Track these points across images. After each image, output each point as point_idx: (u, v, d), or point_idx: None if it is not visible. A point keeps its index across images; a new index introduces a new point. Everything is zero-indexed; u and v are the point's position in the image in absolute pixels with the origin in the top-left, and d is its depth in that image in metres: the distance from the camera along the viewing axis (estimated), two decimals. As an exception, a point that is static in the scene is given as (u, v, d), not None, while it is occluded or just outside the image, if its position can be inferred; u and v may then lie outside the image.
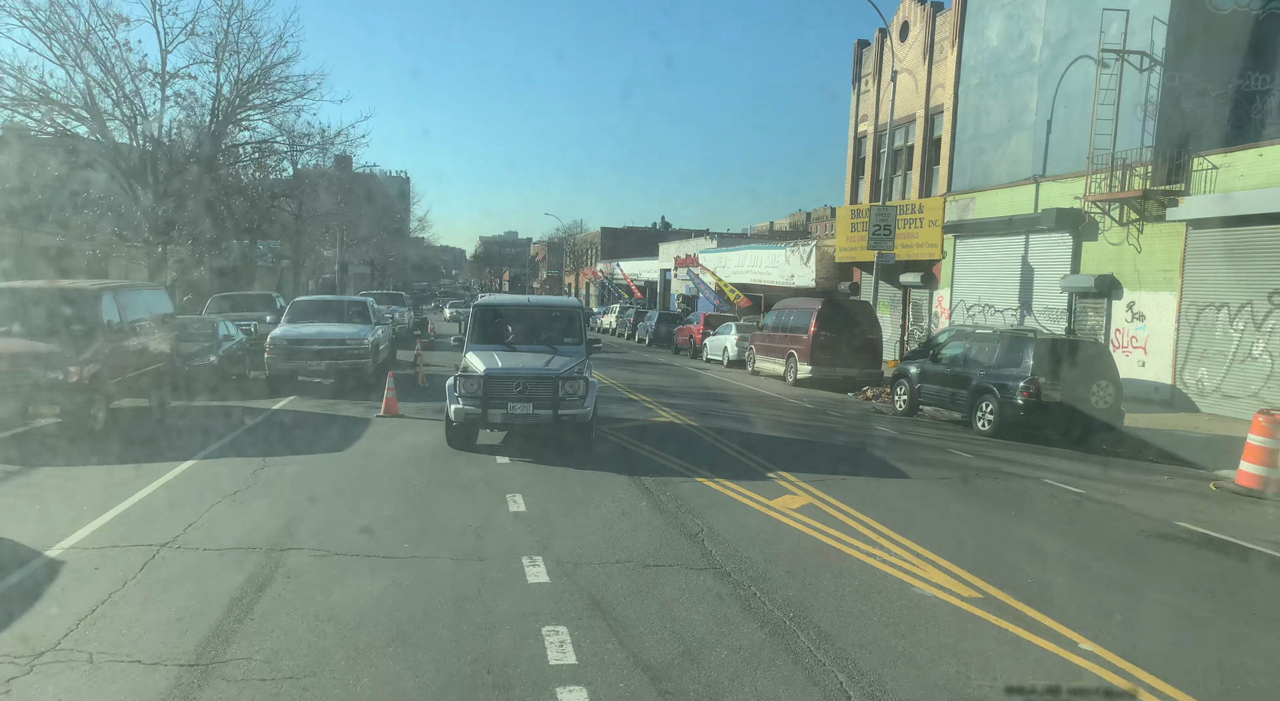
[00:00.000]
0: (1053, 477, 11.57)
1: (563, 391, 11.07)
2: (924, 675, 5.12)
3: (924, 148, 29.43)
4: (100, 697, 4.58)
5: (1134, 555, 8.13)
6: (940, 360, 17.30)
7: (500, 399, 11.01)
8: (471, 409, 11.05)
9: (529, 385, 11.09)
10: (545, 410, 11.02)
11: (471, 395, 11.06)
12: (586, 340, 12.94)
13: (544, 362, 11.63)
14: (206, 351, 17.89)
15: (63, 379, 11.48)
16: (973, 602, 6.39)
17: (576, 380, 11.23)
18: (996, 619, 6.06)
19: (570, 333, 12.91)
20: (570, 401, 11.08)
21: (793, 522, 8.49)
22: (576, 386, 11.17)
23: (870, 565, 7.23)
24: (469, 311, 13.50)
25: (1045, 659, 5.44)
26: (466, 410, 11.07)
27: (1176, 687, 5.07)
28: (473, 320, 12.86)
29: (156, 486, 9.22)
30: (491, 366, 11.31)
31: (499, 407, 11.01)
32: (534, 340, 12.58)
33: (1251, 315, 17.14)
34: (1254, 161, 17.19)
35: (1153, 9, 19.78)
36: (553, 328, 13.00)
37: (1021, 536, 8.54)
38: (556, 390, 11.06)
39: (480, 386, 11.04)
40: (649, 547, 7.49)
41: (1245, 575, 7.78)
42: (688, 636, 5.56)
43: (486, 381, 11.06)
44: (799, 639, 5.59)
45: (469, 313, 13.39)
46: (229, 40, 23.08)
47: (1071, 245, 22.11)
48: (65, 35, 21.35)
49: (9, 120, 21.50)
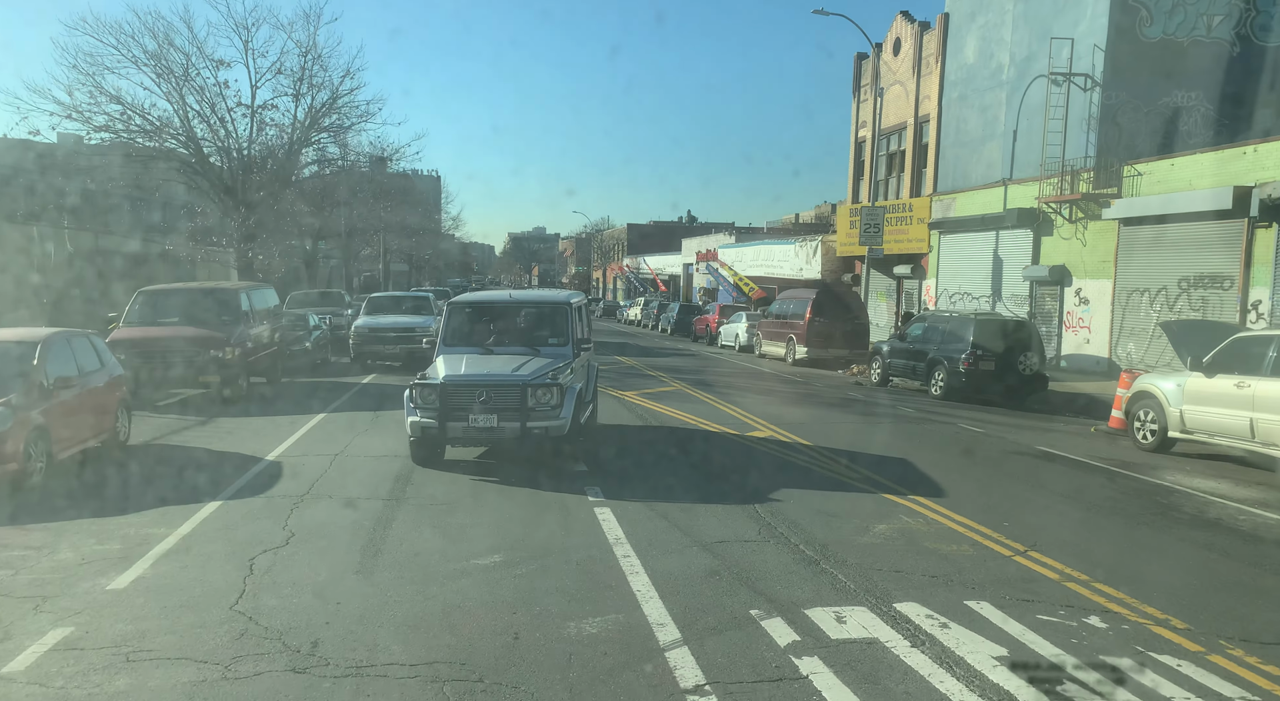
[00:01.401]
0: (967, 423, 15.15)
1: (533, 400, 9.69)
2: (804, 504, 8.80)
3: (914, 152, 32.84)
4: (341, 518, 8.35)
5: (990, 463, 11.75)
6: (906, 339, 20.86)
7: (461, 410, 9.68)
8: (429, 422, 9.73)
9: (493, 394, 9.72)
10: (512, 423, 9.65)
11: (428, 406, 9.74)
12: (575, 340, 11.29)
13: (514, 367, 10.18)
14: (302, 339, 21.87)
15: (222, 356, 15.45)
16: (854, 477, 10.05)
17: (549, 387, 9.80)
18: (872, 489, 9.72)
19: (556, 332, 11.34)
20: (541, 412, 9.71)
21: (759, 445, 12.20)
22: (548, 394, 9.77)
23: (797, 463, 10.92)
24: (444, 310, 12.02)
25: (899, 509, 9.09)
26: (423, 424, 9.76)
27: (969, 517, 8.69)
28: (446, 320, 11.47)
29: (309, 427, 13.10)
30: (452, 373, 9.97)
31: (459, 420, 9.69)
32: (516, 341, 11.24)
33: (1166, 298, 20.50)
34: (1167, 170, 20.53)
35: (1094, 37, 23.10)
36: (537, 327, 11.52)
37: (916, 453, 12.14)
38: (524, 399, 9.67)
39: (437, 396, 9.68)
40: (649, 459, 11.23)
41: (1059, 472, 11.29)
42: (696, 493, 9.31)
43: (444, 391, 9.68)
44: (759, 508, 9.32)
45: (443, 311, 11.98)
46: (306, 75, 27.04)
47: (1032, 240, 25.48)
48: (172, 76, 25.40)
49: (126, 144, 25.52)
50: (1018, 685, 4.83)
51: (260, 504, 8.60)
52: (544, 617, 5.69)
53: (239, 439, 12.10)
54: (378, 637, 5.37)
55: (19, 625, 5.50)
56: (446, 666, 4.95)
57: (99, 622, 5.53)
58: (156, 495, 8.91)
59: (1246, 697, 4.77)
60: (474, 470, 10.29)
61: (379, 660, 5.06)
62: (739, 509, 8.58)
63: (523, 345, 11.15)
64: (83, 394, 10.29)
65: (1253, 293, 18.08)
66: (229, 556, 6.89)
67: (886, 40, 34.79)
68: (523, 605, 5.90)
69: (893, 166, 34.66)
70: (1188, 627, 5.77)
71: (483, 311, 11.92)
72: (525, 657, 5.08)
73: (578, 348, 11.30)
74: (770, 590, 6.25)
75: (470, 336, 11.33)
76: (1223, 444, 11.80)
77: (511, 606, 5.89)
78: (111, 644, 5.22)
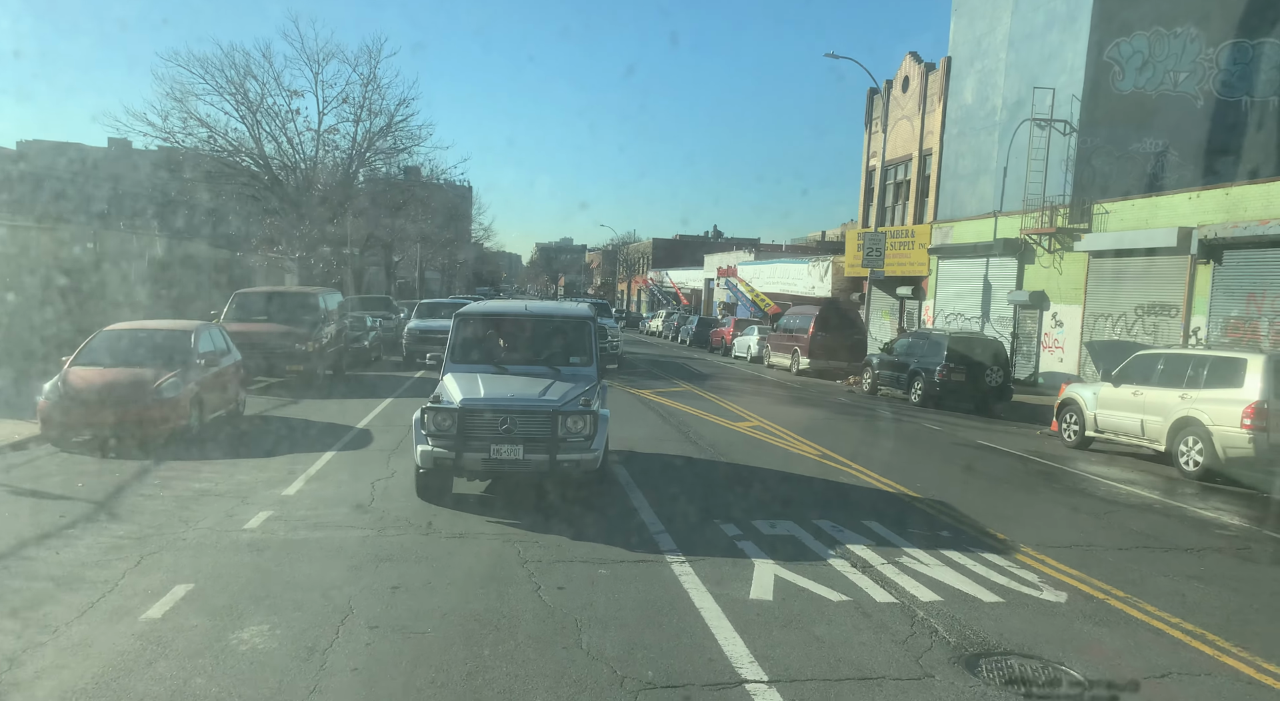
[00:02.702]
0: (931, 423, 17.87)
1: (563, 429, 8.76)
2: (752, 457, 11.59)
3: (917, 182, 35.58)
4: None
5: (928, 449, 14.49)
6: (893, 353, 23.59)
7: (481, 439, 8.68)
8: (443, 452, 8.68)
9: (519, 421, 8.75)
10: (539, 454, 8.69)
11: (443, 434, 8.70)
12: (598, 359, 10.28)
13: (540, 390, 9.20)
14: (360, 338, 24.94)
15: (304, 349, 18.50)
16: (818, 455, 12.84)
17: (581, 415, 8.86)
18: (826, 461, 12.50)
19: (578, 350, 10.28)
20: (573, 443, 8.78)
21: (743, 431, 15.03)
22: (581, 423, 8.83)
23: (774, 444, 13.73)
24: (451, 323, 10.74)
25: (838, 471, 11.88)
26: (436, 454, 8.70)
27: (891, 478, 11.45)
28: (454, 333, 10.28)
29: (382, 408, 16.06)
30: (471, 396, 8.95)
31: (479, 451, 8.67)
32: (532, 359, 10.15)
33: (1125, 323, 23.10)
34: (1129, 209, 23.16)
35: (1073, 88, 25.79)
36: (556, 343, 10.45)
37: (876, 442, 14.89)
38: (555, 427, 8.74)
39: (455, 423, 8.68)
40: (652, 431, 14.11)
41: (985, 457, 13.97)
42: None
43: (463, 416, 8.70)
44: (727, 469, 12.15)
45: (450, 324, 10.68)
46: (366, 103, 30.32)
47: (1016, 267, 28.13)
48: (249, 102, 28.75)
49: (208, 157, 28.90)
50: (879, 560, 7.61)
51: (364, 453, 11.55)
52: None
53: (328, 414, 15.08)
54: (469, 523, 8.28)
55: (240, 509, 8.48)
56: (515, 531, 7.85)
57: (287, 509, 8.49)
58: (285, 447, 11.91)
59: (1031, 579, 7.51)
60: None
61: (473, 530, 7.97)
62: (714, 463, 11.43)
63: (542, 364, 10.02)
64: (219, 372, 13.31)
65: (1194, 320, 20.67)
66: (355, 480, 9.84)
67: (897, 77, 37.59)
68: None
69: (899, 194, 37.41)
70: (1006, 538, 8.56)
71: (496, 324, 10.70)
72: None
73: (602, 368, 10.35)
74: (739, 517, 9.10)
75: (481, 352, 10.18)
76: (1123, 441, 14.48)
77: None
78: (300, 518, 8.17)
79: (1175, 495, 11.63)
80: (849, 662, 5.43)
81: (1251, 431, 11.89)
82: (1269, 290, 18.73)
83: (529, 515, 8.68)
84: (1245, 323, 19.20)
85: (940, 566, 7.51)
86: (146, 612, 5.77)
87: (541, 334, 10.71)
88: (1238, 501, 11.37)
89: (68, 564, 6.76)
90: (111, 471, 10.05)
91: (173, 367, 12.00)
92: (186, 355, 12.44)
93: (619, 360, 27.36)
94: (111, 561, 6.82)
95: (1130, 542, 8.87)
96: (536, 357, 10.20)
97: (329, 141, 30.70)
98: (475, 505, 9.04)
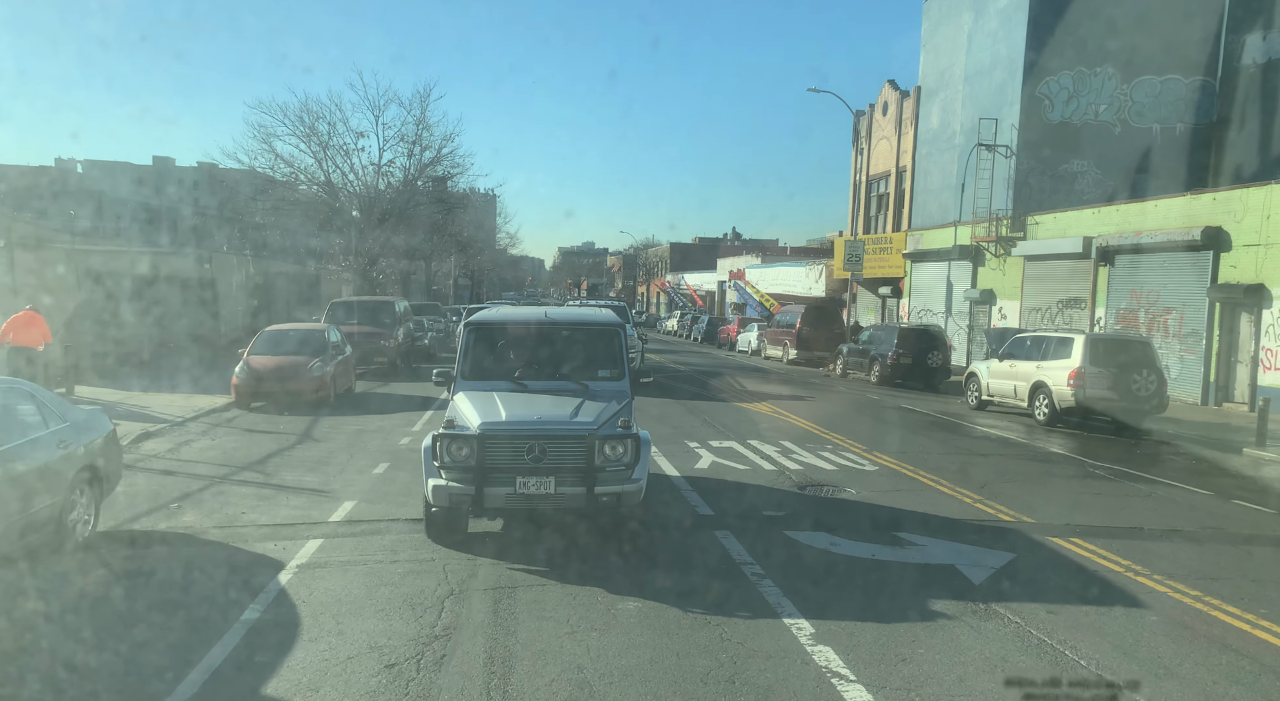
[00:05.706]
0: (874, 394, 22.87)
1: (600, 457, 7.51)
2: (745, 424, 16.68)
3: (895, 195, 40.50)
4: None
5: (860, 409, 19.50)
6: (859, 343, 28.57)
7: (505, 471, 7.44)
8: (459, 488, 7.45)
9: (549, 448, 7.48)
10: (575, 487, 7.48)
11: (459, 466, 7.46)
12: (630, 371, 8.97)
13: (570, 411, 7.90)
14: (421, 337, 30.24)
15: (388, 345, 23.78)
16: (771, 412, 17.89)
17: (621, 439, 7.62)
18: (776, 416, 17.55)
19: (609, 362, 9.01)
20: (613, 473, 7.54)
21: (728, 399, 20.11)
22: (621, 449, 7.61)
23: (764, 413, 18.79)
24: (460, 333, 9.24)
25: (782, 421, 16.93)
26: (452, 490, 7.47)
27: (812, 422, 16.48)
28: (464, 345, 8.86)
29: (452, 387, 21.30)
30: (491, 419, 7.60)
31: (503, 485, 7.45)
32: (554, 374, 8.87)
33: (1050, 315, 27.94)
34: (1052, 221, 28.02)
35: (1010, 119, 30.66)
36: (582, 355, 9.16)
37: (823, 407, 19.84)
38: (591, 455, 7.47)
39: (473, 452, 7.41)
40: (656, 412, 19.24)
41: (903, 415, 18.90)
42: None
43: (483, 444, 7.40)
44: (701, 417, 17.27)
45: (460, 335, 9.22)
46: (418, 139, 35.79)
47: (971, 269, 32.99)
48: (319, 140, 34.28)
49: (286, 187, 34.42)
50: (778, 453, 12.66)
51: (453, 412, 16.77)
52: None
53: (414, 390, 20.31)
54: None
55: (391, 436, 13.73)
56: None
57: (418, 438, 13.67)
58: (397, 407, 17.17)
59: (864, 464, 12.50)
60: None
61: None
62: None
63: (566, 379, 8.77)
64: (343, 360, 18.57)
65: (1097, 311, 25.52)
66: (455, 425, 15.04)
67: (878, 102, 42.52)
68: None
69: (881, 205, 42.34)
70: (867, 450, 13.60)
71: (512, 334, 9.33)
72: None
73: (636, 383, 9.03)
74: (701, 437, 14.20)
75: (497, 367, 8.86)
76: (1007, 402, 19.42)
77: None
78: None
79: (1020, 434, 16.60)
80: (748, 479, 10.55)
81: (1074, 388, 16.85)
82: (1145, 286, 23.58)
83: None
84: (1130, 313, 24.07)
85: (813, 457, 12.63)
86: (374, 471, 11.02)
87: (565, 344, 9.27)
88: (1057, 437, 16.32)
89: (312, 458, 11.99)
90: (290, 423, 15.30)
91: (316, 355, 17.27)
92: (323, 346, 17.71)
93: (648, 373, 32.29)
94: (335, 456, 12.05)
95: (952, 451, 13.89)
96: (559, 372, 8.87)
97: (387, 172, 36.21)
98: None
